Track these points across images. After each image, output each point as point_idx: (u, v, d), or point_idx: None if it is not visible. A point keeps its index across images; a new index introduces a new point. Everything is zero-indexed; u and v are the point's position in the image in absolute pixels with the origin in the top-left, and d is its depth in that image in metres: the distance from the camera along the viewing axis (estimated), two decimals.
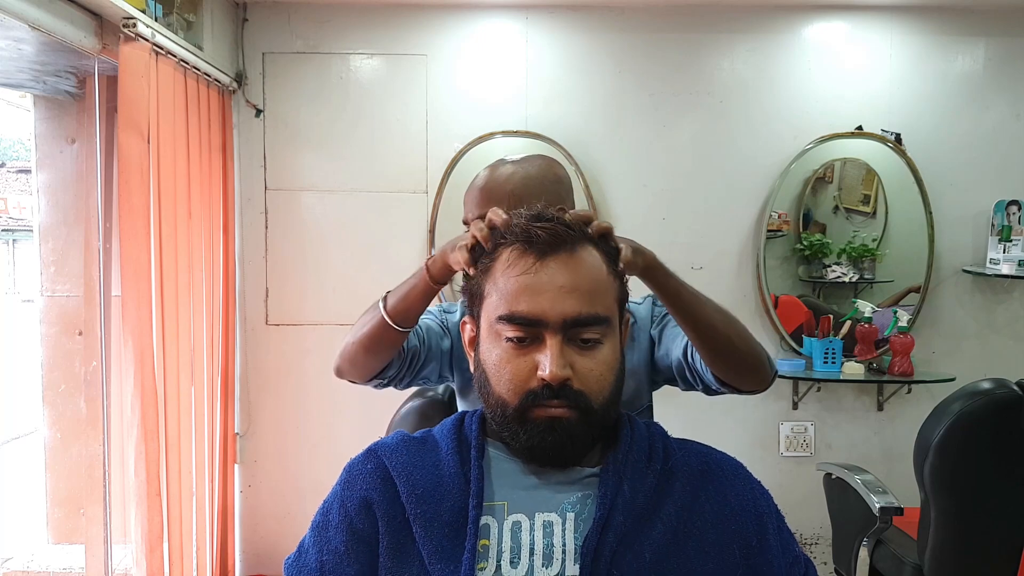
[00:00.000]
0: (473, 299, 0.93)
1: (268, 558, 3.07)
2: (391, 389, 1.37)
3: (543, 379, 0.84)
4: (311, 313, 3.01)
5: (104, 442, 2.37)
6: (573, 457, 0.88)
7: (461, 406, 1.48)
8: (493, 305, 0.88)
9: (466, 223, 1.43)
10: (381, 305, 1.18)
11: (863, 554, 2.34)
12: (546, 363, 0.84)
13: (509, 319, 0.86)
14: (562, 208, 1.36)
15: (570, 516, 0.86)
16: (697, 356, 1.21)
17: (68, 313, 2.80)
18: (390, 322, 1.17)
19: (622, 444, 0.90)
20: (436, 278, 1.12)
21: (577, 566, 0.82)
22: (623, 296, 0.93)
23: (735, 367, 1.19)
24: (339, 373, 1.30)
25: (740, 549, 0.87)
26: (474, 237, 0.96)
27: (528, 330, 0.85)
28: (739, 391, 1.22)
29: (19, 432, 5.18)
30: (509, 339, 0.86)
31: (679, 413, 2.99)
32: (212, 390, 2.70)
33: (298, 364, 3.00)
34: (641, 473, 0.88)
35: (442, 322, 1.41)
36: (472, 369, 0.94)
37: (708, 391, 1.28)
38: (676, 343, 1.30)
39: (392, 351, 1.25)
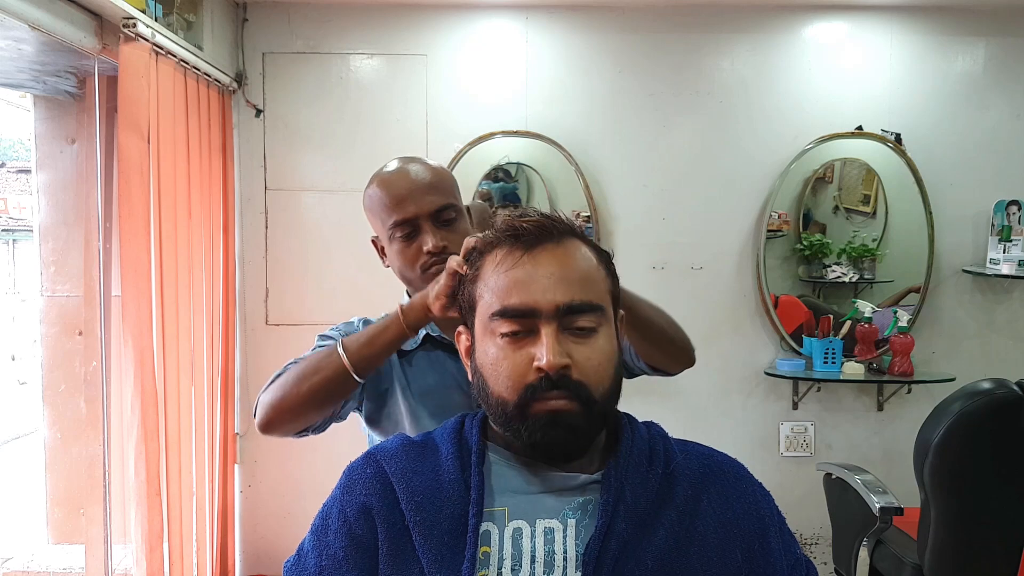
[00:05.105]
0: (466, 309, 0.93)
1: (268, 558, 3.07)
2: None
3: (541, 369, 0.83)
4: (311, 313, 3.01)
5: (104, 442, 2.37)
6: (577, 451, 0.87)
7: (374, 436, 1.31)
8: (486, 305, 0.88)
9: (375, 243, 1.32)
10: (341, 353, 1.09)
11: (863, 554, 2.34)
12: (542, 353, 0.83)
13: (502, 313, 0.85)
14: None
15: (571, 523, 0.85)
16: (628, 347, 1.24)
17: (68, 313, 2.80)
18: (352, 372, 1.09)
19: (623, 448, 0.89)
20: (412, 324, 1.08)
21: (579, 574, 0.82)
22: (615, 291, 0.92)
23: (669, 355, 1.23)
24: (267, 427, 1.14)
25: (742, 552, 0.86)
26: (451, 279, 0.98)
27: (522, 322, 0.85)
28: (668, 374, 1.28)
29: (19, 432, 5.18)
30: (504, 334, 0.86)
31: (678, 414, 3.00)
32: (212, 390, 2.70)
33: None
34: (643, 478, 0.87)
35: None
36: (470, 377, 0.92)
37: (631, 375, 1.29)
38: None
39: (342, 400, 1.16)
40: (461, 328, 0.95)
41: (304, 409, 1.12)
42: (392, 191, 1.24)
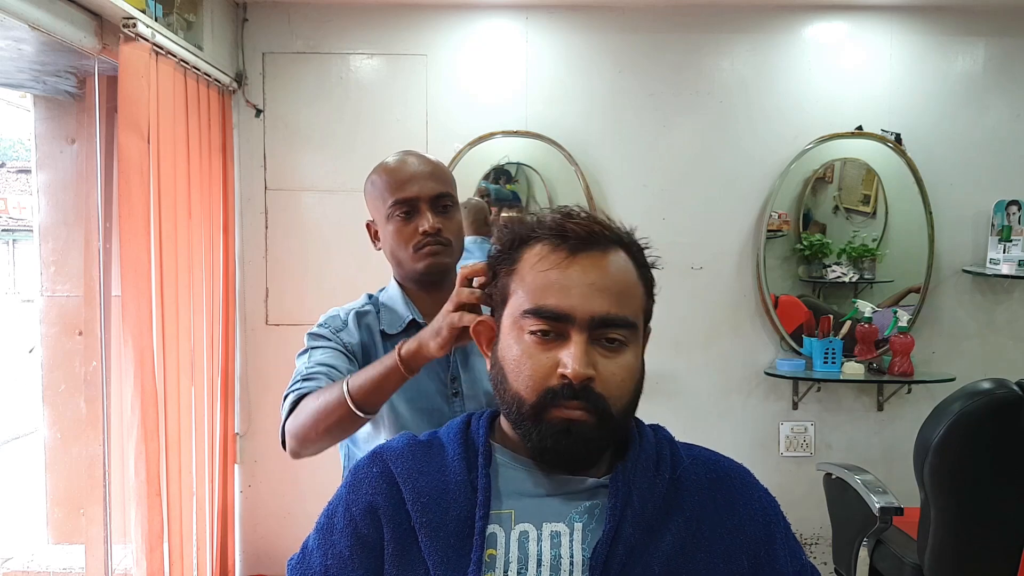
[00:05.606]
0: (497, 302, 0.92)
1: (268, 558, 3.07)
2: None
3: (565, 376, 0.82)
4: (311, 313, 2.98)
5: (104, 442, 2.37)
6: (585, 463, 0.87)
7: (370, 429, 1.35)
8: (519, 301, 0.86)
9: (369, 228, 1.40)
10: (346, 393, 1.15)
11: (863, 554, 2.34)
12: (569, 360, 0.82)
13: (536, 313, 0.84)
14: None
15: (578, 527, 0.84)
16: None
17: (68, 313, 2.80)
18: (356, 410, 1.15)
19: (631, 453, 0.89)
20: (410, 367, 1.11)
21: None
22: (649, 307, 0.92)
23: None
24: (296, 454, 1.25)
25: (748, 558, 0.86)
26: (452, 333, 1.02)
27: (554, 325, 0.84)
28: None
29: (19, 432, 5.18)
30: (533, 332, 0.84)
31: (678, 414, 3.00)
32: (212, 390, 2.70)
33: None
34: (650, 483, 0.87)
35: (345, 349, 1.34)
36: (488, 368, 0.92)
37: None
38: None
39: (354, 431, 1.24)
40: (485, 316, 0.95)
41: (326, 443, 1.23)
42: (396, 175, 1.34)
